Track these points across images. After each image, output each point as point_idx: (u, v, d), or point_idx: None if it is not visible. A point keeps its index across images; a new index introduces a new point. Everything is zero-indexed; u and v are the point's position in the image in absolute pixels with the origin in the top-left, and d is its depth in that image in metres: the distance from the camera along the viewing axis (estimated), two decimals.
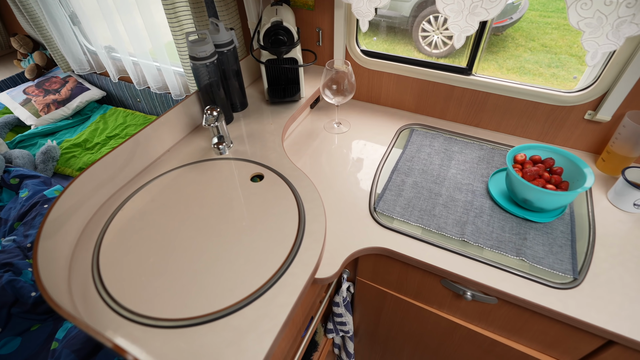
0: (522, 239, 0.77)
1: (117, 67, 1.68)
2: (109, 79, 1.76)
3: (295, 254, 0.64)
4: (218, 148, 0.73)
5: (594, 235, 0.78)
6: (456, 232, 0.79)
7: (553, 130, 1.00)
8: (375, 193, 0.89)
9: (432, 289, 0.82)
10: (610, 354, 0.69)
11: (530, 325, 0.75)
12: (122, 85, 1.74)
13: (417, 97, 1.12)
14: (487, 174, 0.93)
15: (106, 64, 1.66)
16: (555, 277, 0.70)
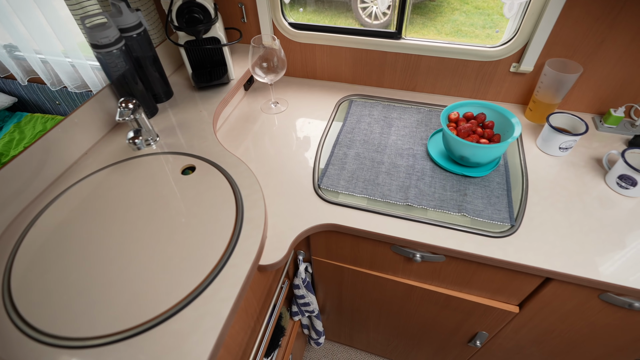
0: (462, 195, 0.79)
1: (24, 68, 1.49)
2: (17, 82, 1.56)
3: (234, 244, 0.60)
4: (134, 143, 0.66)
5: (527, 182, 0.82)
6: (400, 197, 0.79)
7: (484, 86, 1.02)
8: (318, 169, 0.86)
9: (384, 256, 0.83)
10: (548, 290, 0.74)
11: (477, 276, 0.78)
12: (34, 87, 1.55)
13: (352, 67, 1.10)
14: (426, 137, 0.93)
15: (9, 65, 1.47)
16: (494, 227, 0.73)
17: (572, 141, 0.84)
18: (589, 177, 0.83)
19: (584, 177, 0.83)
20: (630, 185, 0.77)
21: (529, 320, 0.84)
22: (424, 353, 1.20)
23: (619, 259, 0.67)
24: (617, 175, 0.78)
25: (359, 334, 1.26)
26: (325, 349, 1.43)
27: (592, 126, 0.96)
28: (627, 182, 0.77)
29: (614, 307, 0.72)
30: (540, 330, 0.87)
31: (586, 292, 0.71)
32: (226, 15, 1.09)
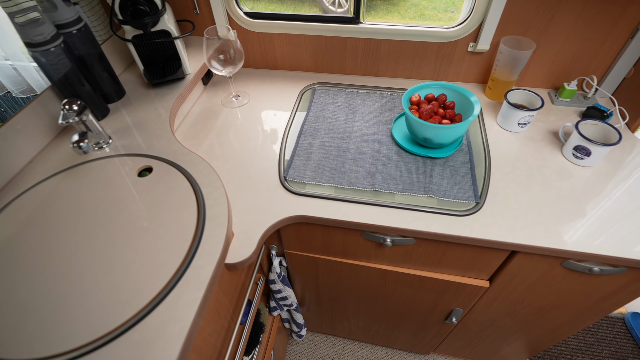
0: (428, 176, 0.79)
1: None
2: None
3: (197, 245, 0.58)
4: (79, 147, 0.62)
5: (489, 160, 0.83)
6: (367, 183, 0.78)
7: (444, 68, 1.03)
8: (283, 161, 0.84)
9: (356, 243, 0.82)
10: (515, 263, 0.76)
11: (447, 255, 0.79)
12: None
13: (313, 55, 1.08)
14: (390, 121, 0.93)
15: None
16: (460, 206, 0.74)
17: (530, 116, 0.86)
18: (547, 150, 0.85)
19: (543, 151, 0.85)
20: (585, 156, 0.79)
21: (499, 293, 0.87)
22: (405, 334, 1.22)
23: (578, 227, 0.70)
24: (573, 147, 0.81)
25: (340, 322, 1.27)
26: (308, 340, 1.43)
27: (548, 101, 0.98)
28: (582, 152, 0.79)
29: (576, 273, 0.75)
30: (510, 301, 0.90)
31: (549, 261, 0.73)
32: (177, 7, 1.04)
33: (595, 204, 0.73)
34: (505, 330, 1.04)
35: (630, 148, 0.85)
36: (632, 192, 0.75)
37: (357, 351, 1.39)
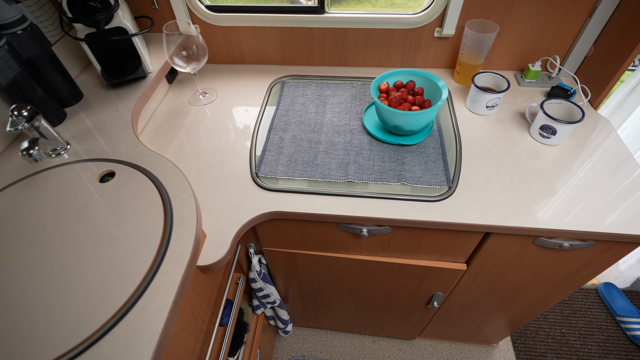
0: (400, 164, 0.79)
1: None
2: None
3: (165, 250, 0.56)
4: (29, 155, 0.58)
5: (460, 144, 0.84)
6: (340, 175, 0.77)
7: (412, 54, 1.03)
8: (255, 158, 0.83)
9: (333, 236, 0.82)
10: (489, 244, 0.77)
11: (423, 241, 0.80)
12: None
13: (280, 48, 1.06)
14: (361, 111, 0.93)
15: None
16: (433, 192, 0.74)
17: (497, 99, 0.87)
18: (516, 131, 0.87)
19: (511, 132, 0.86)
20: (551, 135, 0.81)
21: (477, 274, 0.88)
22: (389, 321, 1.23)
23: (547, 205, 0.71)
24: (539, 127, 0.82)
25: (326, 315, 1.27)
26: (295, 335, 1.42)
27: (515, 82, 1.00)
28: (548, 131, 0.81)
29: (548, 250, 0.77)
30: (488, 282, 0.91)
31: (522, 240, 0.75)
32: (134, 2, 0.99)
33: (564, 182, 0.75)
34: (485, 310, 1.06)
35: (594, 125, 0.87)
36: (597, 167, 0.78)
37: (344, 342, 1.40)
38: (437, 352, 1.36)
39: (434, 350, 1.37)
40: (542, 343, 1.37)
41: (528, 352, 1.35)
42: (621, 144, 0.82)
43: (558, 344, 1.37)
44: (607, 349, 1.35)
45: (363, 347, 1.39)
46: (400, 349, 1.38)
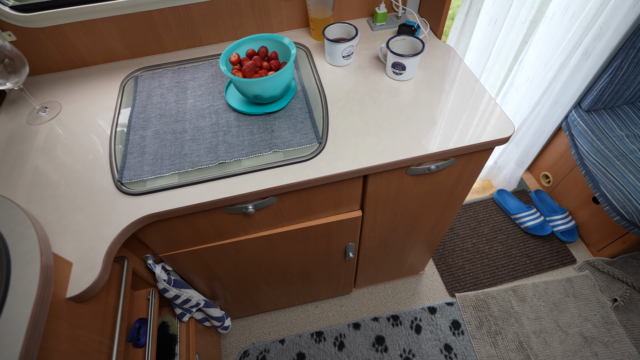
0: (270, 133, 0.78)
1: None
2: None
3: (4, 293, 0.49)
4: None
5: (325, 98, 0.85)
6: (211, 159, 0.74)
7: (266, 20, 1.00)
8: (116, 165, 0.75)
9: (224, 221, 0.79)
10: (371, 185, 0.81)
11: (312, 200, 0.81)
12: None
13: (122, 40, 0.95)
14: (223, 89, 0.89)
15: None
16: (305, 151, 0.75)
17: (350, 47, 0.89)
18: (374, 75, 0.90)
19: (370, 76, 0.90)
20: (402, 70, 0.86)
21: (374, 216, 0.93)
22: (321, 284, 1.27)
23: (408, 136, 0.76)
24: (391, 65, 0.87)
25: (261, 298, 1.26)
26: (240, 327, 1.41)
27: (368, 28, 1.03)
28: (399, 67, 0.86)
29: (421, 177, 0.83)
30: (387, 220, 0.97)
31: (397, 174, 0.80)
32: None
33: (420, 111, 0.81)
34: (397, 245, 1.14)
35: (441, 53, 0.94)
36: (446, 92, 0.84)
37: (289, 316, 1.42)
38: (375, 296, 1.45)
39: (371, 295, 1.46)
40: (459, 257, 1.53)
41: (449, 268, 1.50)
42: (463, 66, 0.91)
43: (471, 253, 1.54)
44: (509, 244, 1.56)
45: (307, 315, 1.42)
46: (342, 304, 1.44)
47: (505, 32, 1.11)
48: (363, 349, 1.33)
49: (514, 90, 1.33)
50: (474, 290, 1.44)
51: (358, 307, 1.43)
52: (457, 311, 1.39)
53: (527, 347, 1.30)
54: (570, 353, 1.29)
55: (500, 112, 0.80)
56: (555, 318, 1.36)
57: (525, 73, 1.25)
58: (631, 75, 1.27)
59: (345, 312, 1.42)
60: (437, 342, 1.33)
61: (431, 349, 1.32)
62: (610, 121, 1.38)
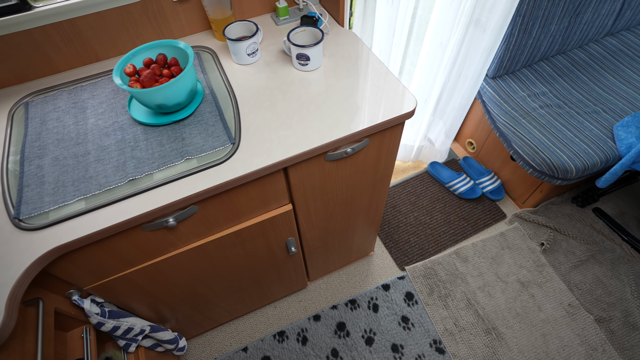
0: (180, 141, 0.76)
1: None
2: None
3: None
4: None
5: (235, 99, 0.84)
6: (120, 178, 0.70)
7: (165, 26, 0.96)
8: (11, 202, 0.69)
9: (147, 240, 0.76)
10: (293, 177, 0.82)
11: (237, 202, 0.80)
12: None
13: (3, 65, 0.87)
14: (126, 103, 0.84)
15: None
16: (220, 154, 0.74)
17: (253, 44, 0.89)
18: (282, 68, 0.91)
19: (279, 71, 0.90)
20: (307, 61, 0.87)
21: (306, 207, 0.95)
22: (273, 284, 1.26)
23: (320, 124, 0.78)
24: (295, 57, 0.88)
25: (214, 311, 1.23)
26: (198, 344, 1.36)
27: (272, 23, 1.03)
28: (303, 58, 0.87)
29: (342, 161, 0.85)
30: (321, 208, 0.99)
31: (316, 162, 0.81)
32: None
33: (329, 98, 0.83)
34: (339, 231, 1.17)
35: (344, 39, 0.97)
36: (352, 76, 0.87)
37: (249, 323, 1.40)
38: (331, 285, 1.48)
39: (327, 285, 1.48)
40: (404, 232, 1.60)
41: (396, 245, 1.57)
42: (366, 49, 0.94)
43: (414, 227, 1.62)
44: (447, 212, 1.66)
45: (267, 317, 1.41)
46: (300, 299, 1.45)
47: (403, 10, 1.17)
48: (326, 339, 1.35)
49: (420, 66, 1.40)
50: (421, 261, 1.52)
51: (316, 299, 1.45)
52: (409, 283, 1.46)
53: (474, 303, 1.40)
54: (512, 299, 1.41)
55: (403, 89, 0.84)
56: (495, 271, 1.48)
57: (428, 49, 1.33)
58: (522, 41, 1.40)
59: (304, 306, 1.43)
60: (394, 316, 1.39)
61: (390, 324, 1.37)
62: (513, 84, 1.51)
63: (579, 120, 1.39)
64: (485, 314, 1.38)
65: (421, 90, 1.49)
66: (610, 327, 1.35)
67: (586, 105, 1.44)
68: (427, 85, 1.47)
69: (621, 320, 1.36)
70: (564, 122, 1.38)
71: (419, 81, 1.47)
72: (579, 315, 1.37)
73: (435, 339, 1.34)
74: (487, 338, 1.33)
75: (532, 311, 1.38)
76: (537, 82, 1.52)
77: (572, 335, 1.33)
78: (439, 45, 1.30)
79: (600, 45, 1.64)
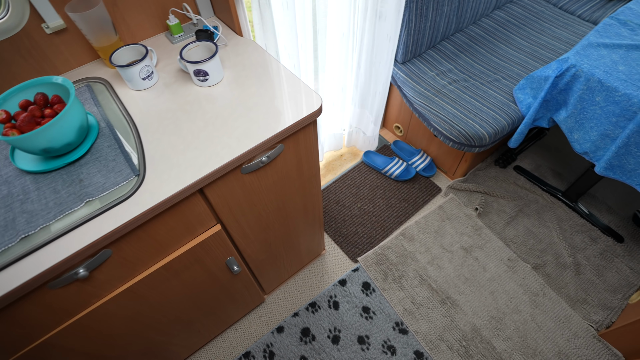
0: (78, 183, 0.70)
1: None
2: None
3: None
4: None
5: (136, 127, 0.79)
6: (9, 237, 0.63)
7: (46, 63, 0.88)
8: None
9: (59, 297, 0.69)
10: (212, 196, 0.79)
11: (157, 235, 0.75)
12: None
13: None
14: (8, 154, 0.76)
15: None
16: (124, 189, 0.69)
17: (145, 67, 0.85)
18: (183, 88, 0.87)
19: (179, 91, 0.86)
20: (206, 76, 0.85)
21: (236, 223, 0.92)
22: (227, 307, 1.22)
23: (230, 137, 0.76)
24: (193, 74, 0.85)
25: (169, 352, 1.15)
26: None
27: (168, 43, 0.99)
28: (202, 74, 0.84)
29: (261, 170, 0.84)
30: (254, 222, 0.97)
31: (233, 177, 0.79)
32: None
33: (234, 110, 0.81)
34: (283, 239, 1.16)
35: (243, 48, 0.96)
36: (256, 84, 0.86)
37: (211, 353, 1.34)
38: (289, 294, 1.46)
39: (285, 294, 1.46)
40: (351, 225, 1.63)
41: (345, 239, 1.59)
42: (267, 55, 0.93)
43: (360, 217, 1.65)
44: (387, 196, 1.71)
45: (230, 341, 1.36)
46: (260, 315, 1.41)
47: (301, 11, 1.18)
48: (293, 348, 1.33)
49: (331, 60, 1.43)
50: (372, 249, 1.55)
51: (276, 310, 1.42)
52: (364, 273, 1.48)
53: (426, 278, 1.46)
54: (459, 266, 1.49)
55: (307, 89, 0.85)
56: (440, 243, 1.55)
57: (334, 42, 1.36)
58: (421, 25, 1.48)
59: (265, 321, 1.40)
60: (355, 309, 1.40)
61: (352, 317, 1.39)
62: (422, 66, 1.59)
63: (484, 90, 1.50)
64: (437, 286, 1.44)
65: (336, 81, 1.52)
66: (545, 272, 1.48)
67: (487, 75, 1.56)
68: (341, 77, 1.50)
69: (554, 263, 1.50)
70: (471, 94, 1.49)
71: (334, 74, 1.50)
72: (518, 267, 1.49)
73: (397, 322, 1.37)
74: (444, 308, 1.39)
75: (478, 273, 1.47)
76: (442, 60, 1.62)
77: (516, 287, 1.44)
78: (341, 37, 1.34)
79: (491, 19, 1.79)
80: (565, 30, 1.72)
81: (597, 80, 1.15)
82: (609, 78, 1.14)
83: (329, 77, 1.51)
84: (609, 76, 1.14)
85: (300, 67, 1.34)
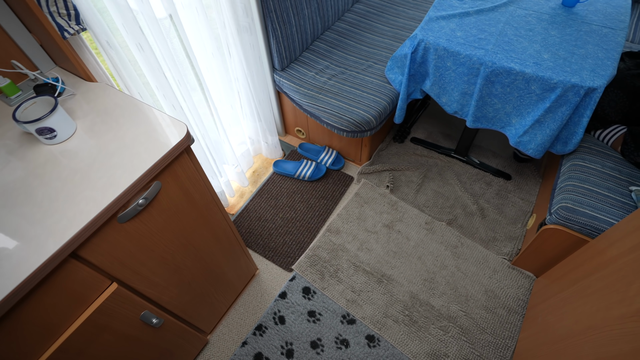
0: None
1: None
2: None
3: None
4: None
5: None
6: None
7: None
8: None
9: None
10: (92, 258, 0.72)
11: (36, 317, 0.67)
12: None
13: None
14: None
15: None
16: None
17: None
18: (31, 151, 0.79)
19: (27, 156, 0.78)
20: (53, 133, 0.78)
21: (137, 275, 0.86)
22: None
23: (93, 189, 0.70)
24: (37, 134, 0.77)
25: None
26: None
27: (6, 105, 0.89)
28: (47, 132, 0.77)
29: (143, 214, 0.79)
30: (159, 267, 0.91)
31: (110, 229, 0.73)
32: None
33: (94, 161, 0.76)
34: (201, 274, 1.10)
35: (94, 94, 0.90)
36: (115, 128, 0.81)
37: None
38: (232, 325, 1.40)
39: (229, 327, 1.40)
40: (277, 236, 1.62)
41: (275, 251, 1.58)
42: (122, 95, 0.89)
43: (285, 227, 1.65)
44: (306, 198, 1.74)
45: None
46: (207, 358, 1.34)
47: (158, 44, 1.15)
48: None
49: (210, 80, 1.42)
50: (303, 253, 1.56)
51: (223, 347, 1.36)
52: (301, 279, 1.49)
53: (359, 264, 1.52)
54: (386, 243, 1.57)
55: (170, 119, 0.83)
56: (364, 227, 1.62)
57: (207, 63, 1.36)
58: (287, 31, 1.53)
59: None
60: (302, 317, 1.40)
61: (300, 326, 1.38)
62: (301, 69, 1.65)
63: (360, 77, 1.61)
64: (371, 268, 1.50)
65: (223, 98, 1.51)
66: (458, 223, 1.63)
67: (361, 64, 1.67)
68: (225, 93, 1.50)
69: (463, 214, 1.65)
70: (350, 84, 1.58)
71: (218, 92, 1.48)
72: (435, 227, 1.61)
73: (343, 315, 1.40)
74: (381, 286, 1.46)
75: (403, 244, 1.57)
76: (318, 59, 1.69)
77: (437, 245, 1.56)
78: (211, 57, 1.33)
79: (353, 13, 1.92)
80: (417, 10, 1.92)
81: (443, 48, 1.30)
82: (451, 44, 1.29)
83: (216, 97, 1.49)
84: (450, 43, 1.30)
85: (178, 97, 1.30)
